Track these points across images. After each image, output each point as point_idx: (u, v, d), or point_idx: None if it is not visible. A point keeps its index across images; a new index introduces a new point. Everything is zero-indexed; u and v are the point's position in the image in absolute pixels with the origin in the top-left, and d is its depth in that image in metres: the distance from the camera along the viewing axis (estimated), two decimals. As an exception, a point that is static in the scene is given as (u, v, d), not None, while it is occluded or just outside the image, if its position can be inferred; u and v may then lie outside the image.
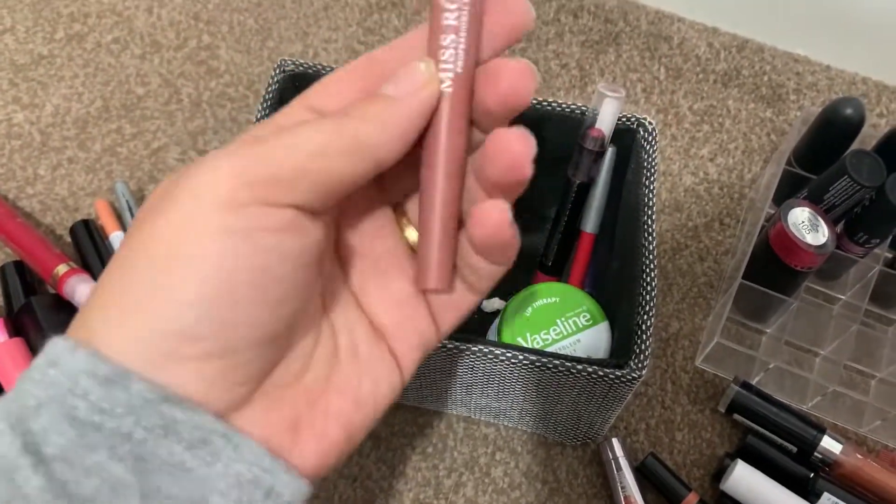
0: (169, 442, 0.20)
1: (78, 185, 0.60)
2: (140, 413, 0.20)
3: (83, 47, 0.68)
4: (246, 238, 0.21)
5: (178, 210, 0.21)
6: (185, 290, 0.20)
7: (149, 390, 0.20)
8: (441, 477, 0.50)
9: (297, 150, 0.22)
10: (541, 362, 0.40)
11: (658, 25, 0.72)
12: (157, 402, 0.20)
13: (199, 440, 0.20)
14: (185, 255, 0.20)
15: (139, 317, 0.20)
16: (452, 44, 0.24)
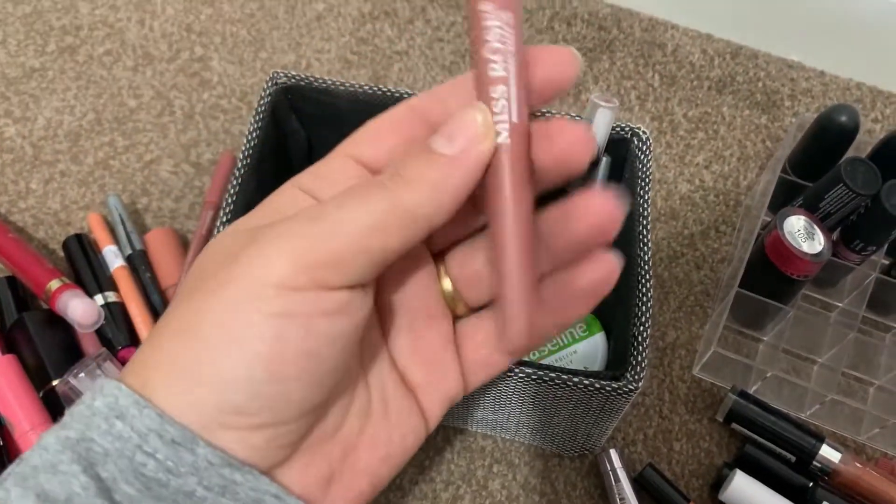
0: (226, 500, 0.22)
1: (70, 198, 0.60)
2: (203, 474, 0.21)
3: (75, 60, 0.68)
4: (299, 324, 0.21)
5: (236, 289, 0.21)
6: (236, 370, 0.21)
7: (213, 455, 0.21)
8: (438, 490, 0.50)
9: (352, 229, 0.22)
10: (537, 375, 0.39)
11: (652, 32, 0.72)
12: (219, 466, 0.21)
13: (255, 500, 0.22)
14: (238, 336, 0.21)
15: (195, 388, 0.21)
16: (503, 94, 0.23)
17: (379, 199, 0.22)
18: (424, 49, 0.70)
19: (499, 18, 0.23)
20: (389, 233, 0.22)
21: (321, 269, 0.21)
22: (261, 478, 0.22)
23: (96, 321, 0.50)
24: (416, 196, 0.22)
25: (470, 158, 0.22)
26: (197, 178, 0.62)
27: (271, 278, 0.21)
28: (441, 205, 0.22)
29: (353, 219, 0.22)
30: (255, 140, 0.46)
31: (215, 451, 0.21)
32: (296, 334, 0.21)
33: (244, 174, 0.45)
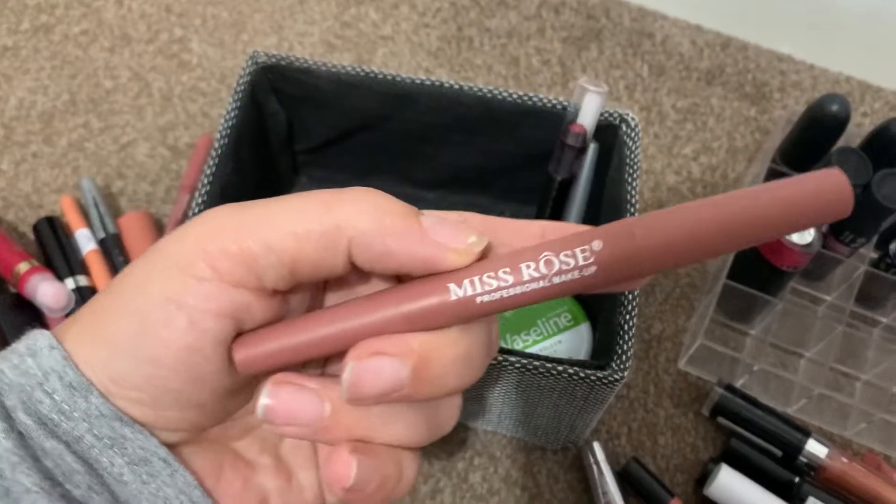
0: (113, 453, 0.22)
1: (42, 180, 0.58)
2: (94, 423, 0.21)
3: (50, 39, 0.66)
4: (184, 314, 0.21)
5: (151, 263, 0.22)
6: (125, 340, 0.21)
7: (105, 406, 0.21)
8: (418, 483, 0.49)
9: (271, 225, 0.21)
10: (521, 364, 0.38)
11: (641, 22, 0.71)
12: (110, 418, 0.22)
13: (141, 459, 0.22)
14: (136, 310, 0.21)
15: (94, 345, 0.22)
16: (504, 284, 0.21)
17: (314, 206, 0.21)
18: (410, 34, 0.68)
19: (584, 261, 0.20)
20: (309, 243, 0.21)
21: (225, 259, 0.21)
22: (150, 438, 0.22)
23: (66, 305, 0.48)
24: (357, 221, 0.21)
25: (437, 247, 0.21)
26: (174, 161, 0.60)
27: (176, 259, 0.21)
28: (371, 243, 0.21)
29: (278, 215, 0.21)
30: (234, 120, 0.45)
31: (107, 404, 0.21)
32: (180, 324, 0.21)
33: (221, 155, 0.44)
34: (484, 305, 0.21)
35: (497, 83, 0.66)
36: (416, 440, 0.23)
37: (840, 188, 0.19)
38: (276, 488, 0.25)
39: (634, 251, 0.20)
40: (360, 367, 0.20)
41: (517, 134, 0.49)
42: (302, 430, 0.22)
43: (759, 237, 0.20)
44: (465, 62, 0.68)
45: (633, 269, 0.20)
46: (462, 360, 0.21)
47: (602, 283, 0.20)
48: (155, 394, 0.22)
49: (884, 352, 0.53)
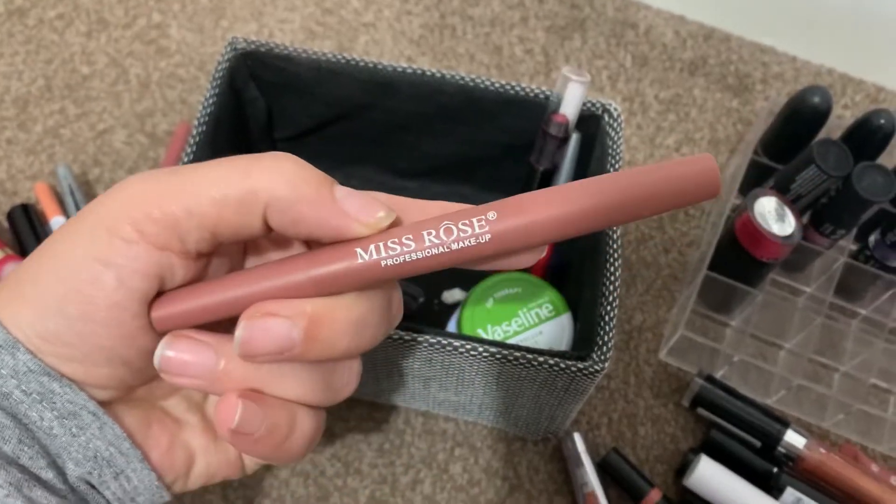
0: (42, 408, 0.22)
1: (17, 167, 0.57)
2: (21, 378, 0.22)
3: (24, 23, 0.64)
4: (114, 274, 0.22)
5: (77, 227, 0.22)
6: (53, 299, 0.22)
7: (32, 362, 0.22)
8: (398, 474, 0.48)
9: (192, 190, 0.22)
10: (501, 354, 0.38)
11: (624, 12, 0.71)
12: (38, 373, 0.22)
13: (70, 413, 0.23)
14: (63, 269, 0.22)
15: (21, 305, 0.23)
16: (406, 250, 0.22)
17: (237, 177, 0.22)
18: (392, 22, 0.68)
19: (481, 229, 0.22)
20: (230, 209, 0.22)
21: (150, 223, 0.22)
22: (79, 392, 0.23)
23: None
24: (272, 188, 0.22)
25: (344, 220, 0.22)
26: (152, 148, 0.59)
27: (103, 222, 0.22)
28: (286, 207, 0.22)
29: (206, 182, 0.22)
30: (212, 107, 0.44)
31: (35, 359, 0.22)
32: (109, 283, 0.22)
33: (199, 143, 0.43)
34: (388, 269, 0.22)
35: (480, 72, 0.66)
36: (310, 398, 0.24)
37: (708, 171, 0.21)
38: (201, 446, 0.26)
39: (524, 222, 0.22)
40: (251, 325, 0.22)
41: (499, 123, 0.48)
42: (195, 381, 0.23)
43: (638, 213, 0.22)
44: (447, 50, 0.67)
45: (524, 239, 0.22)
46: (356, 324, 0.23)
47: (497, 251, 0.22)
48: (86, 350, 0.23)
49: (862, 343, 0.53)
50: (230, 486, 0.47)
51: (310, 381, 0.24)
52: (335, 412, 0.49)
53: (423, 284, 0.52)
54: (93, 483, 0.23)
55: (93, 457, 0.23)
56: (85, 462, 0.23)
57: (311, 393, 0.24)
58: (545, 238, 0.22)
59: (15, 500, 0.21)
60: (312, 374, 0.24)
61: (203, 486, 0.27)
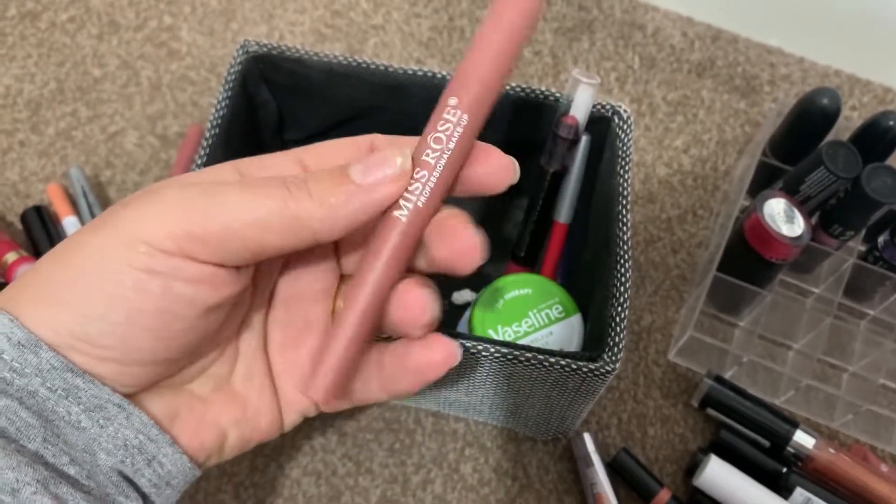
0: (68, 403, 0.23)
1: (30, 169, 0.58)
2: (46, 376, 0.23)
3: (37, 26, 0.65)
4: (160, 282, 0.23)
5: (111, 234, 0.23)
6: (95, 305, 0.23)
7: (55, 359, 0.23)
8: (409, 473, 0.49)
9: (234, 216, 0.23)
10: (513, 355, 0.38)
11: (632, 14, 0.71)
12: (62, 370, 0.23)
13: (96, 406, 0.23)
14: (104, 277, 0.23)
15: (56, 309, 0.23)
16: (423, 179, 0.24)
17: (275, 198, 0.23)
18: (401, 24, 0.68)
19: (455, 116, 0.25)
20: (270, 231, 0.23)
21: (190, 241, 0.23)
22: (102, 387, 0.24)
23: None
24: (310, 209, 0.23)
25: (375, 193, 0.24)
26: (163, 150, 0.59)
27: (142, 235, 0.23)
28: (332, 225, 0.24)
29: (240, 206, 0.23)
30: (224, 110, 0.45)
31: (58, 356, 0.23)
32: (155, 290, 0.23)
33: (212, 145, 0.44)
34: (427, 204, 0.25)
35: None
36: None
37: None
38: (231, 420, 0.28)
39: (476, 86, 0.25)
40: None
41: (508, 125, 0.49)
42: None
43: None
44: (456, 52, 0.67)
45: (488, 96, 0.26)
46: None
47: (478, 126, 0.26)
48: (125, 351, 0.23)
49: (870, 344, 0.53)
50: (242, 486, 0.47)
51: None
52: (347, 413, 0.50)
53: (433, 285, 0.52)
54: (126, 473, 0.24)
55: (123, 446, 0.24)
56: (116, 451, 0.24)
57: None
58: (500, 82, 0.26)
59: (42, 497, 0.21)
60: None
61: (239, 454, 0.29)
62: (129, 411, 0.24)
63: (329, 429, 0.49)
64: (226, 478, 0.47)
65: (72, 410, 0.23)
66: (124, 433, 0.24)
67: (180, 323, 0.24)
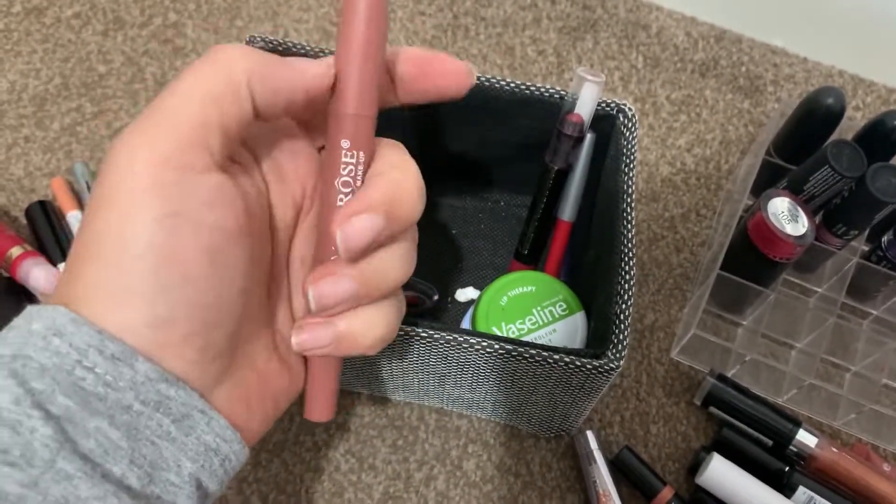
0: (160, 415, 0.23)
1: (35, 164, 0.58)
2: (140, 389, 0.22)
3: (42, 22, 0.65)
4: (185, 219, 0.22)
5: (116, 203, 0.22)
6: (146, 282, 0.22)
7: (152, 370, 0.22)
8: (412, 470, 0.49)
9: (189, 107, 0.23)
10: (517, 352, 0.38)
11: (636, 13, 0.71)
12: (157, 381, 0.23)
13: (184, 415, 0.24)
14: (135, 249, 0.22)
15: (120, 309, 0.22)
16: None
17: (213, 71, 0.24)
18: (406, 22, 0.68)
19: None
20: (224, 103, 0.23)
21: (178, 154, 0.22)
22: (192, 393, 0.24)
23: (59, 290, 0.48)
24: (248, 69, 0.24)
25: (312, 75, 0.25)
26: (168, 147, 0.60)
27: (141, 182, 0.22)
28: (269, 85, 0.24)
29: (188, 95, 0.23)
30: (230, 105, 0.45)
31: (154, 367, 0.22)
32: (187, 230, 0.22)
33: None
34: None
35: (492, 73, 0.66)
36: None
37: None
38: (283, 390, 0.29)
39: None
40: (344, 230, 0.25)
41: (513, 123, 0.49)
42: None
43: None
44: (460, 51, 0.67)
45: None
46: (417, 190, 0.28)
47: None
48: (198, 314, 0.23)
49: (873, 344, 0.53)
50: (245, 482, 0.47)
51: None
52: (350, 409, 0.50)
53: (437, 283, 0.52)
54: (202, 478, 0.25)
55: (203, 451, 0.24)
56: (198, 458, 0.24)
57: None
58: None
59: None
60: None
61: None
62: (210, 416, 0.24)
63: (332, 425, 0.49)
64: (229, 473, 0.47)
65: (163, 423, 0.23)
66: (205, 439, 0.24)
67: (229, 259, 0.24)
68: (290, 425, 0.49)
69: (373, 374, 0.46)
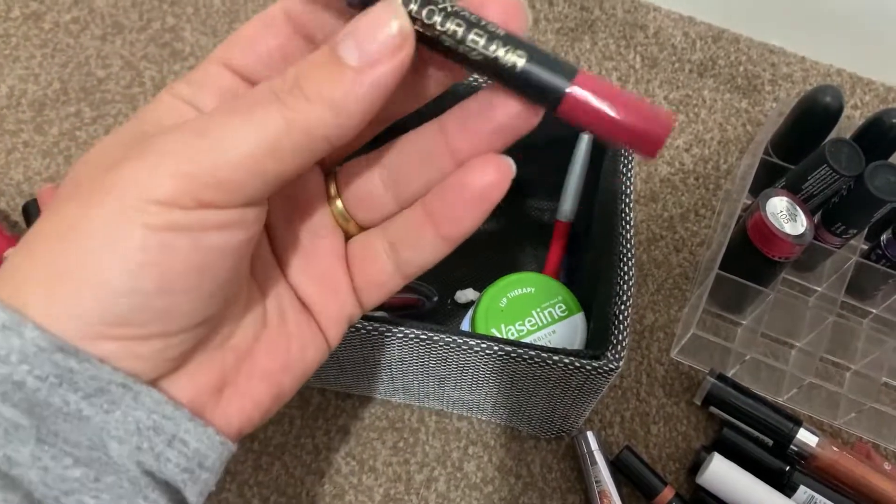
0: (63, 391, 0.20)
1: (34, 169, 0.58)
2: (33, 362, 0.19)
3: (40, 27, 0.65)
4: (187, 237, 0.20)
5: (117, 200, 0.20)
6: (120, 281, 0.20)
7: (42, 338, 0.19)
8: (412, 472, 0.49)
9: (241, 151, 0.20)
10: (516, 353, 0.38)
11: (634, 14, 0.71)
12: (50, 351, 0.19)
13: (97, 389, 0.20)
14: (122, 246, 0.20)
15: (76, 298, 0.20)
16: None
17: (274, 119, 0.20)
18: (403, 24, 0.68)
19: None
20: (284, 156, 0.20)
21: (206, 190, 0.20)
22: (101, 366, 0.20)
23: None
24: (316, 116, 0.20)
25: (381, 72, 0.20)
26: (167, 150, 0.60)
27: (153, 194, 0.19)
28: (345, 126, 0.20)
29: (243, 138, 0.20)
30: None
31: (44, 335, 0.19)
32: (183, 246, 0.20)
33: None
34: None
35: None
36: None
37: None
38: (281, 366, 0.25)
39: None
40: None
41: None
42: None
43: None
44: (458, 53, 0.67)
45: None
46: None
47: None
48: (167, 321, 0.21)
49: (873, 342, 0.53)
50: (246, 485, 0.47)
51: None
52: (350, 410, 0.50)
53: (436, 284, 0.52)
54: (147, 463, 0.21)
55: (135, 430, 0.21)
56: (128, 437, 0.21)
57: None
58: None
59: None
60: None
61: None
62: (135, 390, 0.21)
63: (332, 428, 0.49)
64: (229, 476, 0.47)
65: (69, 399, 0.20)
66: (135, 415, 0.21)
67: (217, 277, 0.21)
68: (291, 428, 0.49)
69: (373, 376, 0.46)
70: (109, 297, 0.20)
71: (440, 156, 0.24)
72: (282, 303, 0.26)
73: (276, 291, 0.26)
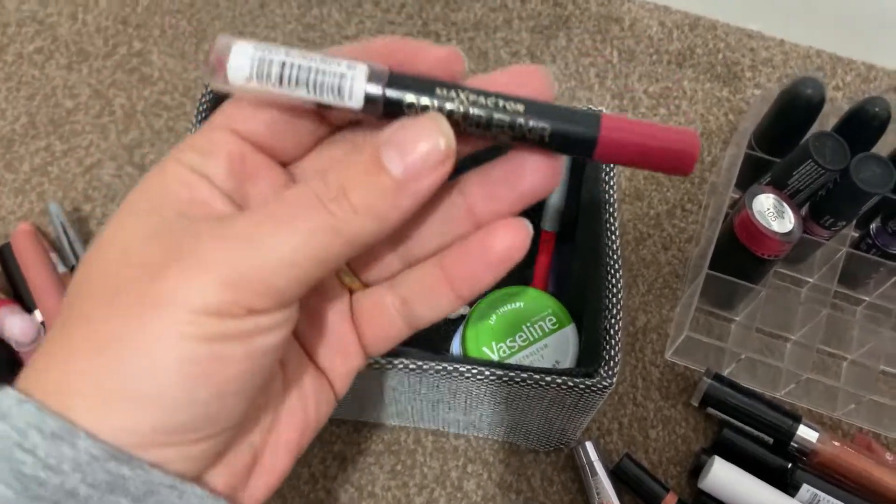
0: (115, 497, 0.20)
1: (7, 208, 0.57)
2: (86, 470, 0.20)
3: (3, 60, 0.64)
4: (238, 344, 0.21)
5: (163, 313, 0.20)
6: (175, 396, 0.20)
7: (95, 447, 0.20)
8: (412, 495, 0.48)
9: (292, 259, 0.20)
10: (508, 377, 0.38)
11: (608, 6, 0.70)
12: (104, 460, 0.20)
13: (146, 492, 0.21)
14: (173, 359, 0.20)
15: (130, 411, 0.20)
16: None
17: (322, 229, 0.21)
18: (375, 33, 0.67)
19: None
20: (329, 262, 0.21)
21: (257, 298, 0.20)
22: (151, 471, 0.21)
23: (35, 339, 0.47)
24: (360, 225, 0.21)
25: (424, 185, 0.21)
26: (142, 180, 0.58)
27: (204, 307, 0.20)
28: (384, 232, 0.21)
29: (291, 248, 0.20)
30: (199, 141, 0.44)
31: (97, 444, 0.20)
32: (236, 354, 0.21)
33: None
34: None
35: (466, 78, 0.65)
36: None
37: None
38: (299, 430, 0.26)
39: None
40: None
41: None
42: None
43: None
44: (432, 58, 0.66)
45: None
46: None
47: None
48: (219, 422, 0.21)
49: (868, 331, 0.53)
50: (244, 519, 0.47)
51: None
52: (344, 437, 0.49)
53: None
54: None
55: None
56: None
57: None
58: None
59: None
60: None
61: None
62: (181, 489, 0.21)
63: (328, 455, 0.49)
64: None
65: (120, 503, 0.20)
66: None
67: (264, 370, 0.22)
68: (286, 459, 0.48)
69: (365, 401, 0.45)
70: (165, 411, 0.20)
71: (460, 220, 0.24)
72: (297, 369, 0.27)
73: (293, 360, 0.27)
